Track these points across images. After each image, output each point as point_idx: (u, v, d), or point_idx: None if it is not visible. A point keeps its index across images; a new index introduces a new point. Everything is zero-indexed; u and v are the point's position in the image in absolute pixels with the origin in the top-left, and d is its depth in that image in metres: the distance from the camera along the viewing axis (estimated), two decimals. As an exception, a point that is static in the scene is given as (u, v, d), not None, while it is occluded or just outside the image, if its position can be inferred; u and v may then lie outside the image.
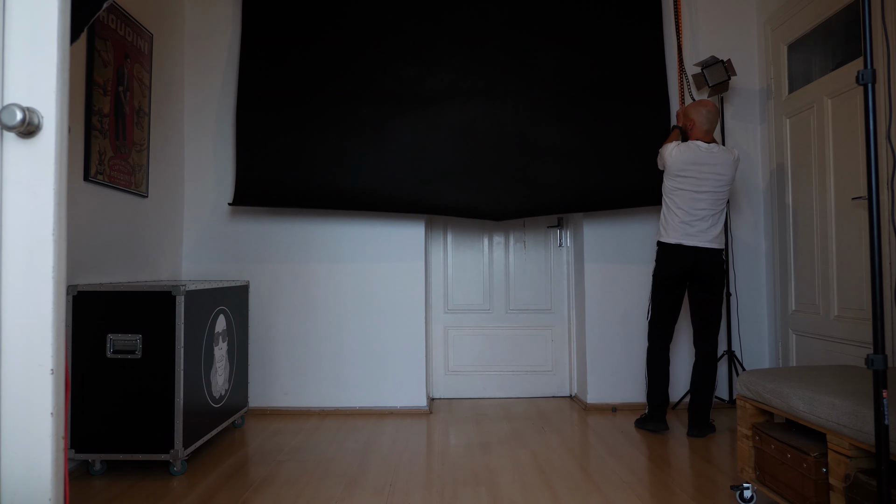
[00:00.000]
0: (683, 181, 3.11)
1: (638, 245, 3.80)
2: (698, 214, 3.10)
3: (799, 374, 2.16)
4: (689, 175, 3.10)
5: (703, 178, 3.09)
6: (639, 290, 3.78)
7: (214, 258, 3.77)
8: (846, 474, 1.72)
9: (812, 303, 3.36)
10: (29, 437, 1.14)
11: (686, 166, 3.10)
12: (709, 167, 3.09)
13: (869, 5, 1.49)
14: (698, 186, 3.09)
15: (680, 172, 3.11)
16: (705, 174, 3.08)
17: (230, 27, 3.84)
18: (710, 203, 3.10)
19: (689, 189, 3.10)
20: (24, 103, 1.14)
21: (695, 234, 3.11)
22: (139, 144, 3.22)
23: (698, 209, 3.10)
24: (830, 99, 3.18)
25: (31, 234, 1.15)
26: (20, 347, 1.14)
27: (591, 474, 2.56)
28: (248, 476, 2.55)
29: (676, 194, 3.14)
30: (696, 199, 3.10)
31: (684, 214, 3.12)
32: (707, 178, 3.09)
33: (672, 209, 3.16)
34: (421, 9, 3.71)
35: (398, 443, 3.05)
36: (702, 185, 3.09)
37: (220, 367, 3.02)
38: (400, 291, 3.75)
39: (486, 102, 3.66)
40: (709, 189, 3.09)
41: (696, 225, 3.10)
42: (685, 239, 3.12)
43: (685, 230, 3.12)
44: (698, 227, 3.10)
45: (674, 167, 3.13)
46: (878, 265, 1.46)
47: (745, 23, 3.89)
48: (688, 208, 3.11)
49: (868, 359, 1.45)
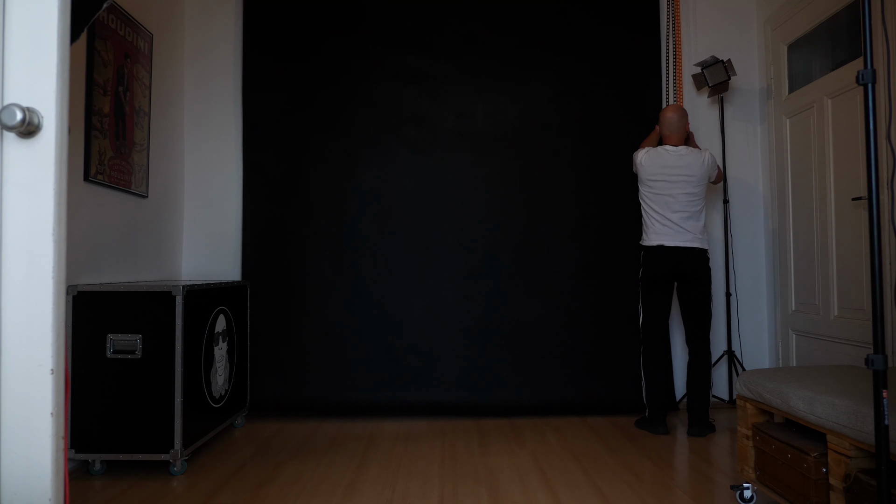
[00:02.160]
0: (655, 184, 3.20)
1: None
2: (675, 217, 3.18)
3: (799, 374, 2.16)
4: (659, 179, 3.19)
5: (674, 180, 3.17)
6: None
7: (214, 258, 3.77)
8: (846, 474, 1.72)
9: (812, 303, 3.36)
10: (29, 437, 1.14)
11: (656, 170, 3.20)
12: (678, 169, 3.17)
13: (869, 5, 1.49)
14: (670, 189, 3.18)
15: (651, 177, 3.21)
16: (675, 177, 3.17)
17: (231, 27, 3.84)
18: (685, 204, 3.18)
19: (662, 193, 3.19)
20: (24, 103, 1.15)
21: (674, 234, 3.18)
22: (139, 144, 3.22)
23: (674, 211, 3.18)
24: (830, 99, 3.18)
25: (31, 234, 1.15)
26: (20, 347, 1.14)
27: (591, 474, 2.56)
28: (248, 476, 2.55)
29: (651, 199, 3.23)
30: (670, 202, 3.18)
31: (661, 217, 3.20)
32: (678, 181, 3.17)
33: (649, 213, 3.25)
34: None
35: (398, 443, 3.05)
36: (673, 187, 3.17)
37: (220, 367, 3.02)
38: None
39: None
40: (681, 191, 3.17)
41: (673, 226, 3.18)
42: (665, 240, 3.19)
43: (664, 232, 3.20)
44: (676, 228, 3.18)
45: (644, 174, 3.24)
46: (878, 265, 1.46)
47: (745, 23, 3.89)
48: (663, 211, 3.20)
49: (868, 359, 1.45)
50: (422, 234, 3.70)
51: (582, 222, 3.72)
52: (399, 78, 3.74)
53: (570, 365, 3.67)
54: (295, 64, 3.73)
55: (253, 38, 3.74)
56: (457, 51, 3.75)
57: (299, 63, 3.73)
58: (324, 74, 3.72)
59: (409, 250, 3.70)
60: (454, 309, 3.69)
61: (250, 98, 3.72)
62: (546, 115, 3.75)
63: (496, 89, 3.75)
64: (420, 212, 3.71)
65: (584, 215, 3.73)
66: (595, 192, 3.74)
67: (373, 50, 3.74)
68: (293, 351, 3.65)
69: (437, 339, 3.67)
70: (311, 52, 3.73)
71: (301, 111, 3.71)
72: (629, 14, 3.78)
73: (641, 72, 3.77)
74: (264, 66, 3.73)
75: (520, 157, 3.73)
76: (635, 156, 3.30)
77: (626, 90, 3.76)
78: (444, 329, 3.68)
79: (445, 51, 3.75)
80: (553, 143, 3.74)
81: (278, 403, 3.59)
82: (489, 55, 3.76)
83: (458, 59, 3.75)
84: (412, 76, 3.74)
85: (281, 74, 3.72)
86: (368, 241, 3.70)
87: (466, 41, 3.76)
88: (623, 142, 3.74)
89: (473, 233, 3.71)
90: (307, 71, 3.73)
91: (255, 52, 3.73)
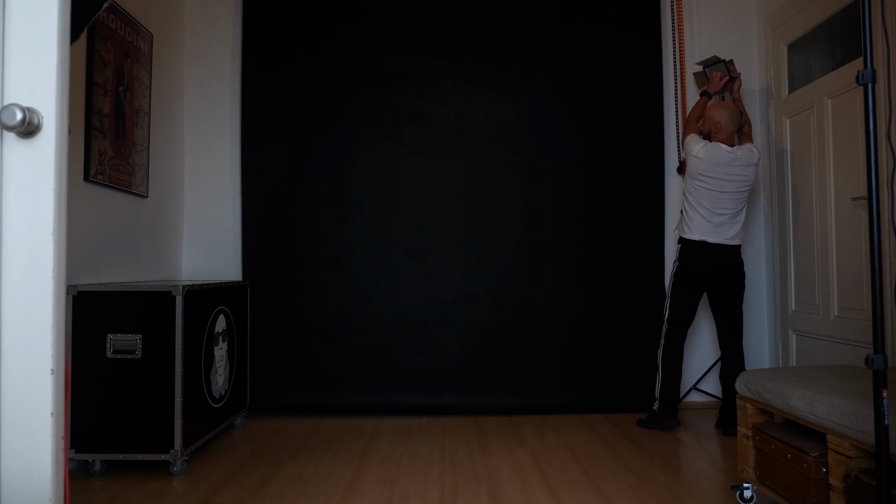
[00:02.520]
0: (709, 181, 3.13)
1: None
2: (721, 214, 3.14)
3: (799, 374, 2.16)
4: (714, 176, 3.12)
5: (728, 179, 3.12)
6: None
7: (214, 258, 3.77)
8: (846, 474, 1.72)
9: (812, 303, 3.36)
10: (29, 437, 1.14)
11: (712, 168, 3.11)
12: (733, 170, 3.12)
13: (869, 5, 1.49)
14: (721, 187, 3.12)
15: (705, 173, 3.13)
16: (730, 176, 3.11)
17: (231, 27, 3.84)
18: (732, 203, 3.15)
19: (713, 189, 3.13)
20: (24, 103, 1.14)
21: (718, 232, 3.14)
22: (139, 144, 3.22)
23: (721, 209, 3.14)
24: (830, 99, 3.18)
25: (31, 234, 1.15)
26: (20, 347, 1.14)
27: (591, 474, 2.56)
28: (248, 476, 2.55)
29: (700, 193, 3.16)
30: (719, 200, 3.14)
31: (708, 213, 3.15)
32: (731, 181, 3.12)
33: (695, 207, 3.18)
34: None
35: (398, 443, 3.05)
36: (725, 185, 3.12)
37: (220, 367, 3.02)
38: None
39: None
40: (732, 190, 3.13)
41: (718, 223, 3.14)
42: (709, 236, 3.14)
43: (709, 229, 3.15)
44: (721, 224, 3.14)
45: (699, 168, 3.14)
46: (878, 265, 1.46)
47: (745, 23, 3.89)
48: (711, 207, 3.14)
49: (868, 359, 1.45)
50: (421, 234, 3.70)
51: (581, 222, 3.72)
52: (399, 78, 3.74)
53: (571, 364, 3.67)
54: (294, 64, 3.73)
55: (253, 38, 3.73)
56: (457, 51, 3.75)
57: (299, 63, 3.73)
58: (323, 74, 3.72)
59: (408, 250, 3.70)
60: (454, 309, 3.68)
61: (250, 98, 3.72)
62: (546, 115, 3.74)
63: (496, 89, 3.75)
64: (420, 211, 3.71)
65: (584, 215, 3.73)
66: (595, 191, 3.73)
67: (373, 50, 3.74)
68: (293, 351, 3.65)
69: (437, 338, 3.67)
70: (311, 52, 3.73)
71: (301, 111, 3.71)
72: (629, 14, 3.78)
73: (642, 72, 3.77)
74: (264, 66, 3.73)
75: (520, 156, 3.73)
76: (689, 143, 3.19)
77: (627, 90, 3.76)
78: (445, 329, 3.68)
79: (445, 51, 3.75)
80: (553, 143, 3.74)
81: (278, 403, 3.59)
82: (489, 55, 3.75)
83: (458, 59, 3.75)
84: (412, 76, 3.74)
85: (281, 74, 3.72)
86: (368, 240, 3.69)
87: (466, 41, 3.75)
88: (623, 141, 3.74)
89: (473, 232, 3.71)
90: (307, 71, 3.72)
91: (254, 52, 3.73)
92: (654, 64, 3.78)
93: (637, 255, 3.73)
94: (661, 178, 3.74)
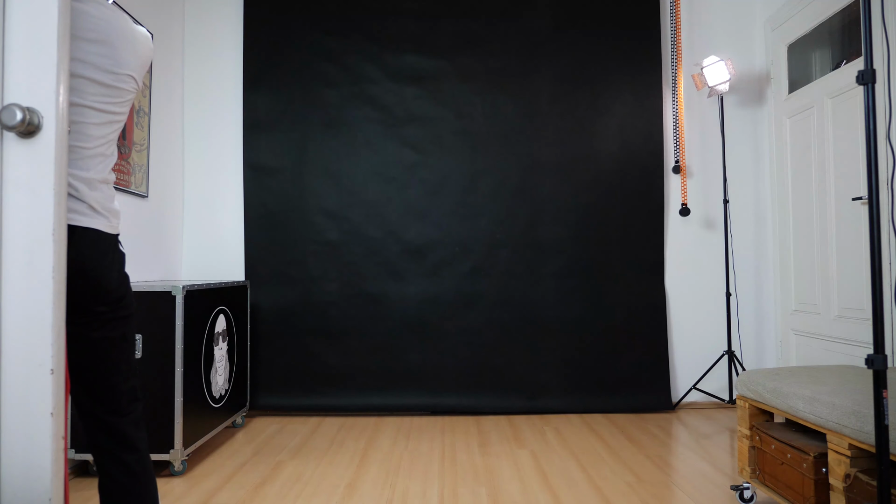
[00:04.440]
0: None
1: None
2: None
3: (799, 374, 2.16)
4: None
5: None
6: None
7: (214, 258, 3.77)
8: (846, 474, 1.72)
9: (812, 303, 3.36)
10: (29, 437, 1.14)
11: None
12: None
13: (869, 5, 1.49)
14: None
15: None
16: None
17: (231, 27, 3.84)
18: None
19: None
20: (24, 103, 1.14)
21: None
22: (139, 144, 3.22)
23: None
24: (830, 99, 3.18)
25: (31, 234, 1.15)
26: (20, 347, 1.14)
27: (590, 474, 2.56)
28: (248, 476, 2.55)
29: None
30: None
31: None
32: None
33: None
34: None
35: (399, 443, 3.05)
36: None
37: (220, 367, 3.02)
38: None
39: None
40: None
41: None
42: None
43: None
44: None
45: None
46: (878, 265, 1.46)
47: (745, 23, 3.89)
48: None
49: (868, 359, 1.45)
50: (422, 234, 3.70)
51: (582, 221, 3.72)
52: (399, 78, 3.74)
53: (571, 364, 3.67)
54: (295, 64, 3.73)
55: (253, 38, 3.74)
56: (457, 51, 3.75)
57: (299, 63, 3.73)
58: (324, 74, 3.73)
59: (409, 250, 3.70)
60: (454, 308, 3.69)
61: (250, 98, 3.73)
62: (546, 114, 3.75)
63: (496, 89, 3.75)
64: (420, 211, 3.71)
65: (584, 214, 3.73)
66: (595, 191, 3.74)
67: (373, 49, 3.74)
68: (293, 351, 3.65)
69: (437, 338, 3.67)
70: (311, 52, 3.73)
71: (301, 111, 3.72)
72: (629, 14, 3.78)
73: (641, 72, 3.77)
74: (264, 66, 3.73)
75: (519, 156, 3.73)
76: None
77: (626, 90, 3.77)
78: (445, 329, 3.68)
79: (446, 51, 3.75)
80: (553, 143, 3.74)
81: (278, 403, 3.59)
82: (489, 55, 3.76)
83: (458, 59, 3.75)
84: (412, 76, 3.74)
85: (281, 74, 3.73)
86: (368, 240, 3.70)
87: (466, 41, 3.76)
88: (623, 141, 3.74)
89: (473, 232, 3.71)
90: (307, 71, 3.73)
91: (255, 51, 3.73)
92: (653, 64, 3.78)
93: (637, 255, 3.73)
94: (660, 177, 3.75)
